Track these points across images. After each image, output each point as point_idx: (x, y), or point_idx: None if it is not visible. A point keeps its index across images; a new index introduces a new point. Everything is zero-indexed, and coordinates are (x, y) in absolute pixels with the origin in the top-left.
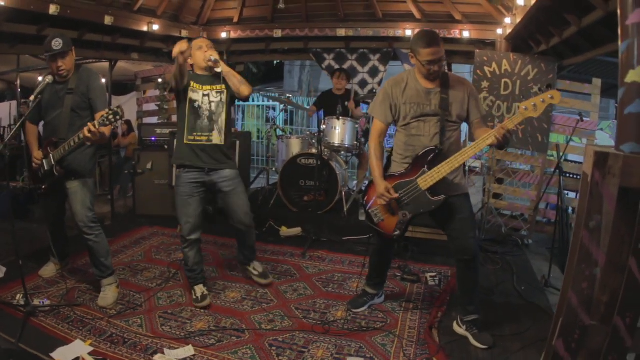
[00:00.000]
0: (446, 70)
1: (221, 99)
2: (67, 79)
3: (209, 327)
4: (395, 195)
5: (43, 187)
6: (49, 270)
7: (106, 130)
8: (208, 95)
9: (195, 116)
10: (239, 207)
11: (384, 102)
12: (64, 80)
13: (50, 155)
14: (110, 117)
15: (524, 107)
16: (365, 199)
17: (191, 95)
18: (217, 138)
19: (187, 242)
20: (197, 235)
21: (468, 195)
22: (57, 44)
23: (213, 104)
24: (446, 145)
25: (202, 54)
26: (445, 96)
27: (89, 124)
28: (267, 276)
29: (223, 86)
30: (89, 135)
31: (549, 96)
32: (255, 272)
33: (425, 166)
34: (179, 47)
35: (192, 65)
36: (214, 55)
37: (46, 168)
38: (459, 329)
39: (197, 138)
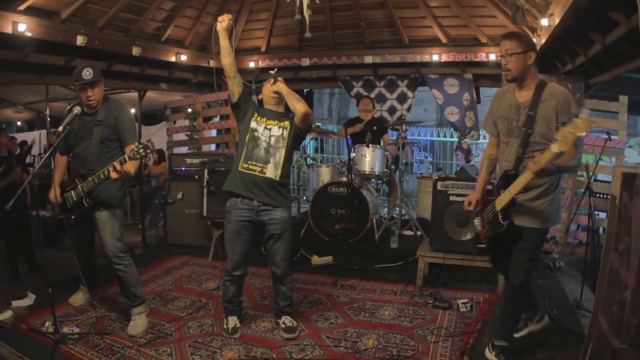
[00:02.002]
0: (545, 80)
1: (282, 134)
2: (96, 109)
3: (239, 356)
4: (470, 208)
5: (72, 217)
6: (79, 298)
7: (131, 168)
8: (270, 129)
9: (253, 145)
10: (279, 251)
11: (489, 116)
12: (93, 111)
13: (79, 186)
14: (141, 150)
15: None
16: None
17: (253, 124)
18: (271, 172)
19: (231, 277)
20: (241, 272)
21: (542, 231)
22: (87, 73)
23: (273, 138)
24: (520, 170)
25: (268, 85)
26: (533, 113)
27: (114, 162)
28: (294, 331)
29: (287, 123)
30: (117, 176)
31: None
32: (283, 326)
33: (502, 189)
34: (222, 24)
35: (261, 100)
36: (279, 79)
37: (75, 199)
38: (490, 355)
39: (251, 167)
